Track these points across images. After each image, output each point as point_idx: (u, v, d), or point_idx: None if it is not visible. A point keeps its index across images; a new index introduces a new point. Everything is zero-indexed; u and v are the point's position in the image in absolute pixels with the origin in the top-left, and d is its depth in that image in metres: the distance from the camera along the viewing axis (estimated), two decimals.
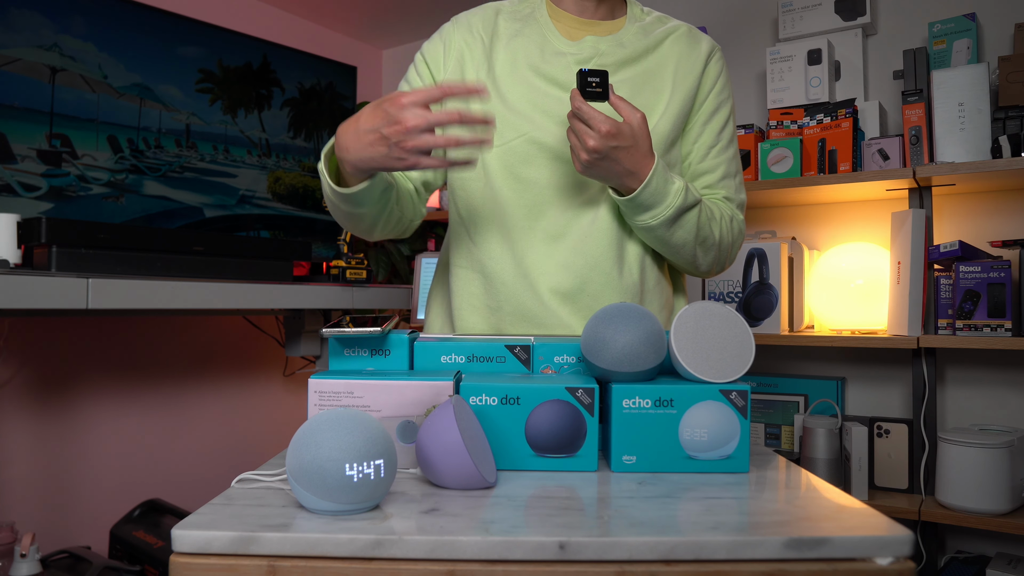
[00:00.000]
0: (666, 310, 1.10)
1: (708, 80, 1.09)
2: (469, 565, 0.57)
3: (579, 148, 0.92)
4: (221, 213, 2.04)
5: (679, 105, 1.06)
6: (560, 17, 1.09)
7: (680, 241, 1.01)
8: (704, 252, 1.05)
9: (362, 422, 0.63)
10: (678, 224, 0.99)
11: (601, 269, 1.02)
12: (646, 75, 1.06)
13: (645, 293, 1.06)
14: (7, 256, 1.42)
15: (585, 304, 1.02)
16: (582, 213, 1.03)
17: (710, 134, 1.09)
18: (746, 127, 1.96)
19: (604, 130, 0.89)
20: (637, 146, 0.93)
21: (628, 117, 0.92)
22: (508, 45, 1.07)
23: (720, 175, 1.10)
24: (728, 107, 1.12)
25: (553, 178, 1.03)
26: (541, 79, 1.04)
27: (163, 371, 2.19)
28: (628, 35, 1.07)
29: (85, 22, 1.76)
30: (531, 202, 1.03)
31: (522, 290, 1.03)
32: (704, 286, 2.05)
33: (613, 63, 1.05)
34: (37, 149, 1.67)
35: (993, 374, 1.83)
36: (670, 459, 0.77)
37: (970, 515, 1.60)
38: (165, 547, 1.75)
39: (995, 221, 1.85)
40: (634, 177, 0.94)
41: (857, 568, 0.57)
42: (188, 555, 0.58)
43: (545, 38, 1.07)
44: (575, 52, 1.05)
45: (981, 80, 1.67)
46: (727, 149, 1.11)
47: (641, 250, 1.05)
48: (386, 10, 2.62)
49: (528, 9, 1.10)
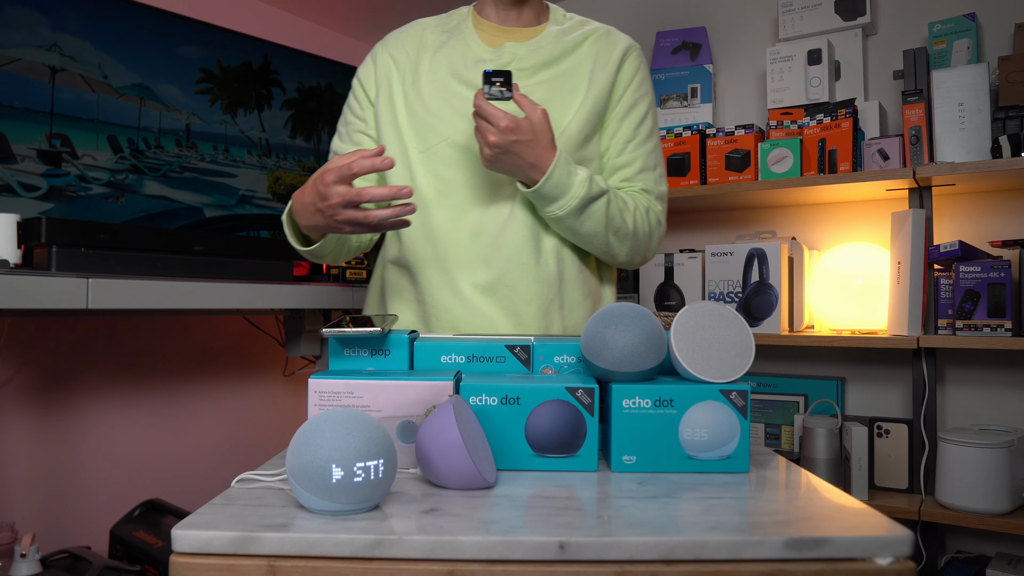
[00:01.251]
0: (590, 299, 1.15)
1: (624, 77, 1.14)
2: (469, 565, 0.57)
3: (482, 144, 0.98)
4: (221, 213, 2.04)
5: (593, 102, 1.11)
6: (483, 27, 1.16)
7: (590, 231, 1.06)
8: (619, 241, 1.09)
9: (362, 422, 0.63)
10: (586, 214, 1.04)
11: (518, 260, 1.07)
12: (563, 76, 1.12)
13: (564, 283, 1.11)
14: (7, 256, 1.42)
15: (504, 295, 1.07)
16: (500, 209, 1.08)
17: (627, 129, 1.14)
18: (746, 127, 1.96)
19: (503, 125, 0.96)
20: (537, 140, 0.98)
21: (529, 112, 0.98)
22: (434, 56, 1.14)
23: (638, 168, 1.15)
24: (646, 103, 1.16)
25: (473, 178, 1.09)
26: (462, 85, 1.11)
27: (163, 371, 2.19)
28: (546, 40, 1.14)
29: (83, 20, 1.76)
30: (454, 203, 1.09)
31: (444, 285, 1.09)
32: (704, 286, 2.05)
33: (530, 67, 1.11)
34: (37, 149, 1.67)
35: (993, 374, 1.83)
36: (670, 459, 0.77)
37: (970, 515, 1.60)
38: (165, 547, 1.75)
39: (995, 221, 1.85)
40: (537, 169, 1.00)
41: (857, 568, 0.57)
42: (188, 555, 0.58)
43: (468, 47, 1.14)
44: (494, 58, 1.12)
45: (981, 80, 1.67)
46: (645, 143, 1.16)
47: (558, 242, 1.10)
48: (386, 10, 2.62)
49: (455, 22, 1.18)
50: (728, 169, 1.98)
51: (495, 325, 1.07)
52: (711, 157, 2.01)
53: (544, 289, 1.08)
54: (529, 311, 1.07)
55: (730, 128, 1.98)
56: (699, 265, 2.06)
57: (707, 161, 2.01)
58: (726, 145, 1.98)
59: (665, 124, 2.22)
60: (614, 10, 2.45)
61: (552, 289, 1.09)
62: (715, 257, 1.97)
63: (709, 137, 2.01)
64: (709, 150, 2.01)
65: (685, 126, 2.08)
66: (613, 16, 2.45)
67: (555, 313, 1.10)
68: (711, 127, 2.06)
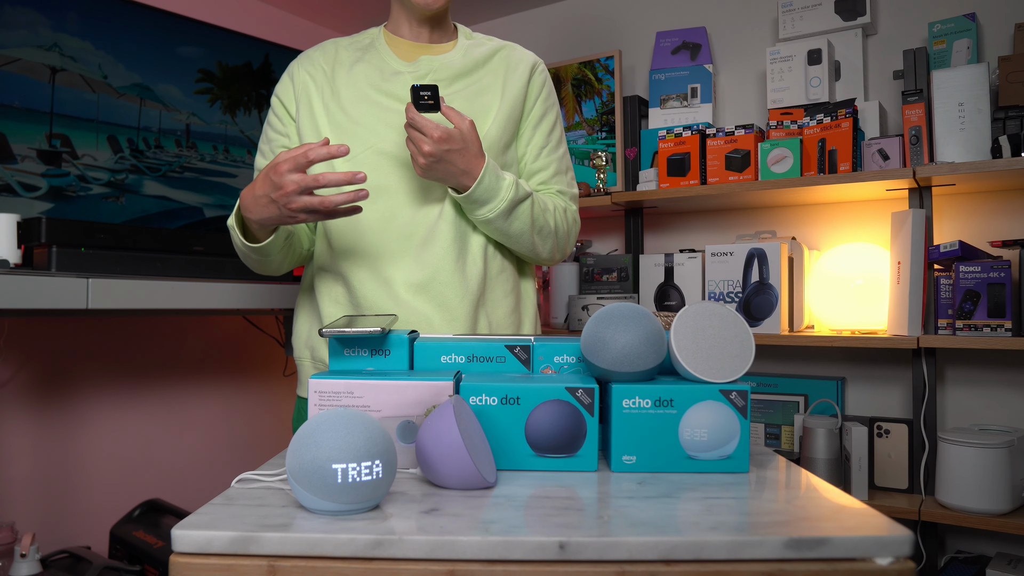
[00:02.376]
0: (512, 295, 1.21)
1: (534, 90, 1.23)
2: (469, 565, 0.57)
3: (417, 154, 1.03)
4: (221, 213, 2.04)
5: (507, 111, 1.18)
6: (396, 44, 1.22)
7: (517, 231, 1.13)
8: (542, 240, 1.17)
9: (362, 422, 0.63)
10: (514, 215, 1.11)
11: (448, 259, 1.12)
12: (477, 87, 1.18)
13: (489, 280, 1.17)
14: (7, 256, 1.42)
15: (437, 292, 1.12)
16: (429, 212, 1.13)
17: (540, 136, 1.23)
18: (746, 127, 1.96)
19: (436, 136, 1.01)
20: (468, 148, 1.05)
21: (458, 123, 1.04)
22: (350, 71, 1.18)
23: (552, 172, 1.23)
24: (554, 113, 1.26)
25: (401, 183, 1.13)
26: (382, 95, 1.15)
27: (163, 371, 2.19)
28: (458, 54, 1.20)
29: (83, 20, 1.76)
30: (383, 208, 1.13)
31: (378, 286, 1.12)
32: (704, 286, 2.05)
33: (447, 78, 1.17)
34: (37, 149, 1.67)
35: (993, 374, 1.83)
36: (670, 459, 0.77)
37: (970, 515, 1.60)
38: (165, 547, 1.75)
39: (995, 221, 1.85)
40: (468, 176, 1.06)
41: (857, 568, 0.57)
42: (188, 555, 0.58)
43: (384, 61, 1.19)
44: (412, 70, 1.17)
45: (981, 80, 1.67)
46: (556, 149, 1.25)
47: (484, 241, 1.16)
48: (386, 10, 2.62)
49: (367, 40, 1.23)
50: (728, 169, 1.98)
51: (431, 322, 1.12)
52: (711, 157, 2.01)
53: (473, 287, 1.14)
54: (462, 308, 1.12)
55: (730, 128, 1.98)
56: (699, 265, 2.06)
57: (707, 161, 2.01)
58: (726, 145, 1.99)
59: (665, 124, 2.22)
60: (614, 11, 2.45)
61: (479, 287, 1.15)
62: (715, 257, 1.97)
63: (709, 137, 2.01)
64: (709, 150, 2.01)
65: (685, 126, 2.08)
66: (613, 17, 2.46)
67: (482, 308, 1.15)
68: (711, 127, 2.06)
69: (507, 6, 2.57)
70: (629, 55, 2.42)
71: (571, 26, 2.54)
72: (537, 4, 2.56)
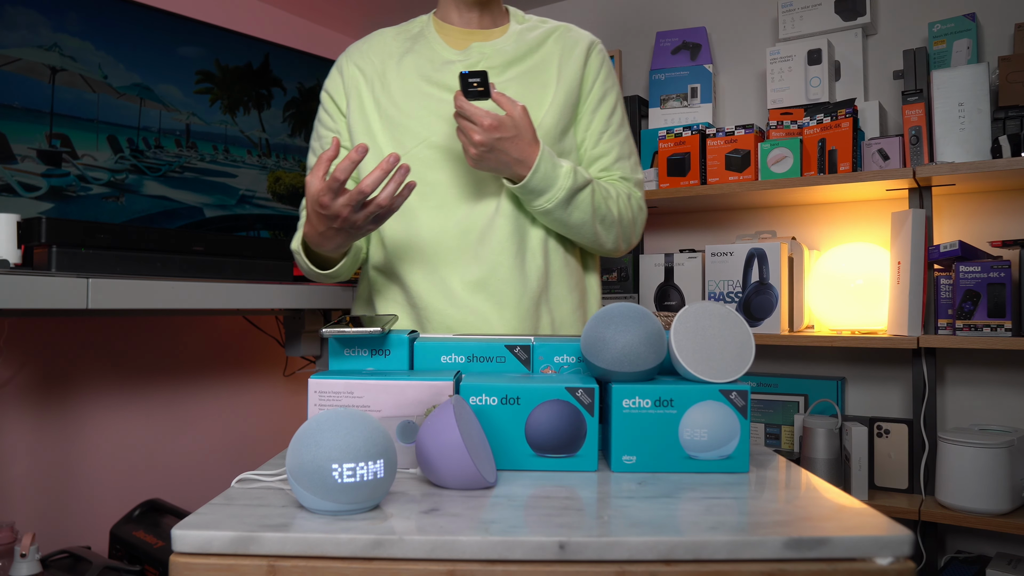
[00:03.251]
0: (577, 291, 1.16)
1: (591, 72, 1.16)
2: (469, 565, 0.57)
3: (467, 144, 0.99)
4: (221, 213, 2.04)
5: (564, 96, 1.13)
6: (447, 31, 1.17)
7: (578, 221, 1.07)
8: (605, 230, 1.11)
9: (362, 422, 0.63)
10: (573, 204, 1.05)
11: (507, 254, 1.08)
12: (532, 72, 1.13)
13: (551, 276, 1.12)
14: (7, 256, 1.42)
15: (496, 289, 1.08)
16: (485, 206, 1.09)
17: (600, 121, 1.16)
18: (746, 127, 1.96)
19: (487, 124, 0.97)
20: (521, 136, 1.00)
21: (509, 110, 0.99)
22: (400, 62, 1.15)
23: (614, 157, 1.17)
24: (614, 95, 1.19)
25: (455, 177, 1.10)
26: (434, 87, 1.12)
27: (163, 371, 2.19)
28: (510, 39, 1.15)
29: (83, 20, 1.76)
30: (438, 203, 1.10)
31: (433, 286, 1.09)
32: (704, 286, 2.05)
33: (499, 64, 1.13)
34: (37, 149, 1.67)
35: (993, 374, 1.83)
36: (670, 459, 0.77)
37: (970, 515, 1.60)
38: (165, 547, 1.75)
39: (995, 221, 1.85)
40: (523, 165, 1.01)
41: (857, 568, 0.57)
42: (188, 555, 0.58)
43: (434, 50, 1.15)
44: (463, 59, 1.13)
45: (981, 80, 1.67)
46: (618, 133, 1.18)
47: (544, 234, 1.11)
48: (386, 10, 2.62)
49: (417, 28, 1.19)
50: (728, 169, 1.98)
51: (488, 322, 1.08)
52: (711, 157, 2.01)
53: (533, 283, 1.09)
54: (522, 306, 1.08)
55: (730, 128, 1.98)
56: (699, 265, 2.06)
57: (707, 161, 2.01)
58: (726, 145, 1.99)
59: (665, 124, 2.22)
60: (614, 10, 2.45)
61: (540, 282, 1.10)
62: (715, 257, 1.97)
63: (709, 137, 2.01)
64: (709, 150, 2.01)
65: (685, 126, 2.08)
66: (613, 16, 2.46)
67: (544, 306, 1.11)
68: (711, 127, 2.06)
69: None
70: (629, 55, 2.42)
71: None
72: (537, 4, 2.56)
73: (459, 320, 1.08)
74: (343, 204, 0.92)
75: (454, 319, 1.09)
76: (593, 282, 1.21)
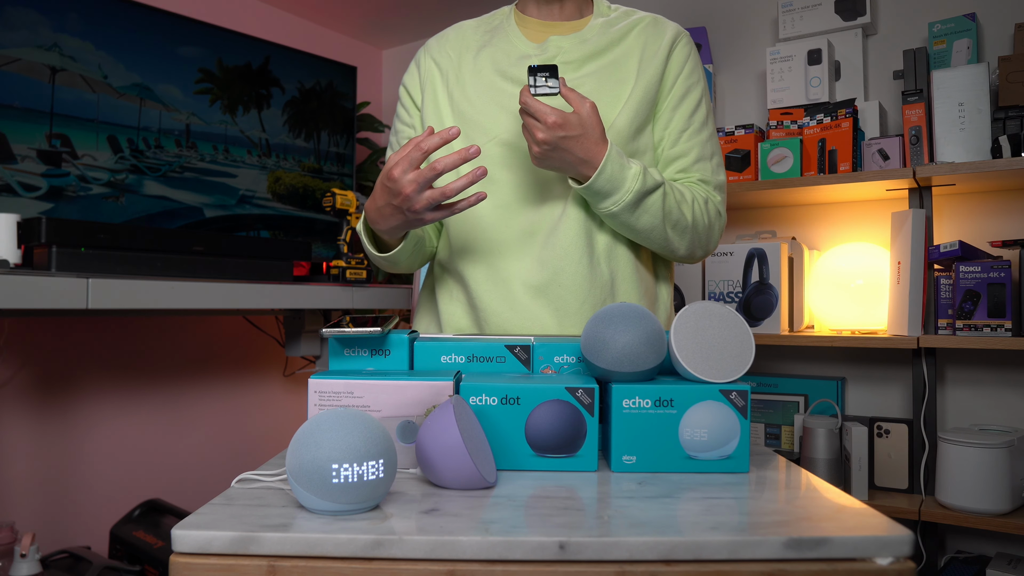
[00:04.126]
0: (647, 299, 1.10)
1: (674, 65, 1.10)
2: (469, 565, 0.57)
3: (531, 142, 0.95)
4: (221, 213, 2.04)
5: (643, 92, 1.06)
6: (526, 23, 1.13)
7: (647, 225, 1.01)
8: (678, 236, 1.05)
9: (362, 422, 0.63)
10: (642, 208, 1.00)
11: (571, 259, 1.03)
12: (611, 67, 1.08)
13: (618, 283, 1.06)
14: (7, 256, 1.42)
15: (557, 295, 1.03)
16: (552, 207, 1.05)
17: (680, 118, 1.10)
18: (746, 127, 1.96)
19: (551, 121, 0.92)
20: (587, 134, 0.94)
21: (577, 107, 0.94)
22: (477, 56, 1.11)
23: (694, 158, 1.10)
24: (699, 90, 1.11)
25: (522, 176, 1.06)
26: (507, 82, 1.08)
27: (163, 371, 2.19)
28: (592, 31, 1.10)
29: (83, 20, 1.76)
30: (503, 202, 1.06)
31: (494, 287, 1.06)
32: (704, 286, 2.05)
33: (577, 59, 1.07)
34: (37, 149, 1.67)
35: (993, 374, 1.83)
36: (670, 459, 0.77)
37: (970, 515, 1.60)
38: (165, 547, 1.75)
39: (995, 221, 1.85)
40: (588, 165, 0.96)
41: (857, 568, 0.57)
42: (188, 555, 0.58)
43: (512, 44, 1.11)
44: (539, 53, 1.09)
45: (981, 80, 1.67)
46: (700, 132, 1.11)
47: (611, 239, 1.06)
48: (386, 10, 2.62)
49: (497, 21, 1.16)
50: (728, 169, 1.98)
51: (546, 328, 1.04)
52: None
53: (597, 290, 1.04)
54: (581, 314, 1.03)
55: (730, 128, 1.98)
56: (699, 265, 2.06)
57: None
58: (726, 145, 1.98)
59: None
60: None
61: (605, 290, 1.05)
62: (715, 257, 1.97)
63: None
64: None
65: None
66: None
67: None
68: None
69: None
70: None
71: None
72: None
73: (517, 325, 1.05)
74: (411, 180, 0.90)
75: (512, 323, 1.05)
76: (664, 292, 1.15)
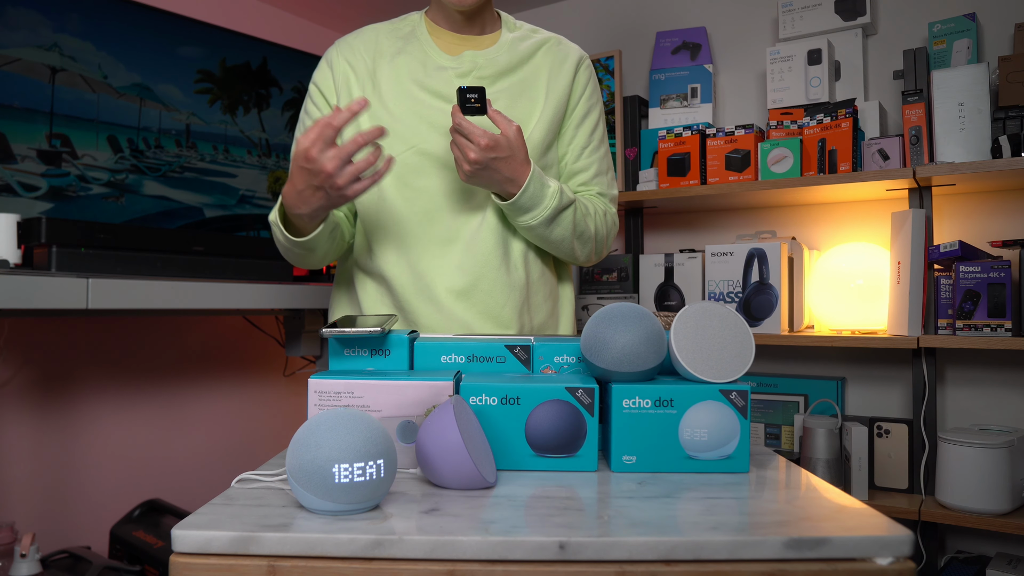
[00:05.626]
0: (551, 299, 1.20)
1: (578, 87, 1.18)
2: (469, 565, 0.57)
3: (462, 160, 1.01)
4: (221, 213, 2.04)
5: (552, 111, 1.15)
6: (439, 34, 1.17)
7: (559, 237, 1.11)
8: (582, 245, 1.15)
9: (362, 422, 0.63)
10: (556, 222, 1.09)
11: (490, 266, 1.10)
12: (522, 85, 1.15)
13: (531, 285, 1.15)
14: (7, 256, 1.42)
15: (479, 299, 1.10)
16: (471, 217, 1.11)
17: (583, 136, 1.19)
18: (746, 127, 1.96)
19: (483, 143, 0.98)
20: (514, 156, 1.02)
21: (505, 130, 1.01)
22: (392, 62, 1.14)
23: (593, 173, 1.20)
24: (597, 111, 1.21)
25: (442, 186, 1.11)
26: (425, 93, 1.12)
27: (163, 371, 2.19)
28: (503, 48, 1.15)
29: (83, 20, 1.76)
30: (423, 209, 1.10)
31: (419, 292, 1.10)
32: (704, 286, 2.05)
33: (491, 75, 1.13)
34: (37, 149, 1.67)
35: (993, 374, 1.83)
36: (670, 459, 0.77)
37: (970, 515, 1.60)
38: (165, 547, 1.75)
39: (995, 221, 1.85)
40: (513, 183, 1.03)
41: (857, 568, 0.57)
42: (188, 555, 0.58)
43: (427, 54, 1.14)
44: (455, 66, 1.13)
45: (981, 80, 1.67)
46: (598, 149, 1.21)
47: (525, 247, 1.14)
48: (386, 10, 2.63)
49: (408, 28, 1.18)
50: (728, 169, 1.98)
51: (471, 330, 1.10)
52: (711, 157, 2.01)
53: (516, 293, 1.12)
54: (504, 314, 1.11)
55: (730, 128, 1.98)
56: (699, 265, 2.06)
57: (707, 161, 2.01)
58: (726, 145, 1.99)
59: (665, 124, 2.22)
60: (614, 10, 2.45)
61: (522, 293, 1.13)
62: (715, 257, 1.97)
63: (709, 137, 2.01)
64: (709, 150, 2.01)
65: (685, 126, 2.08)
66: (613, 16, 2.46)
67: (525, 315, 1.14)
68: (711, 127, 2.06)
69: (508, 7, 2.57)
70: (629, 55, 2.42)
71: (571, 26, 2.54)
72: (537, 4, 2.56)
73: (444, 327, 1.10)
74: (331, 156, 0.92)
75: (439, 325, 1.10)
76: (566, 290, 1.24)
